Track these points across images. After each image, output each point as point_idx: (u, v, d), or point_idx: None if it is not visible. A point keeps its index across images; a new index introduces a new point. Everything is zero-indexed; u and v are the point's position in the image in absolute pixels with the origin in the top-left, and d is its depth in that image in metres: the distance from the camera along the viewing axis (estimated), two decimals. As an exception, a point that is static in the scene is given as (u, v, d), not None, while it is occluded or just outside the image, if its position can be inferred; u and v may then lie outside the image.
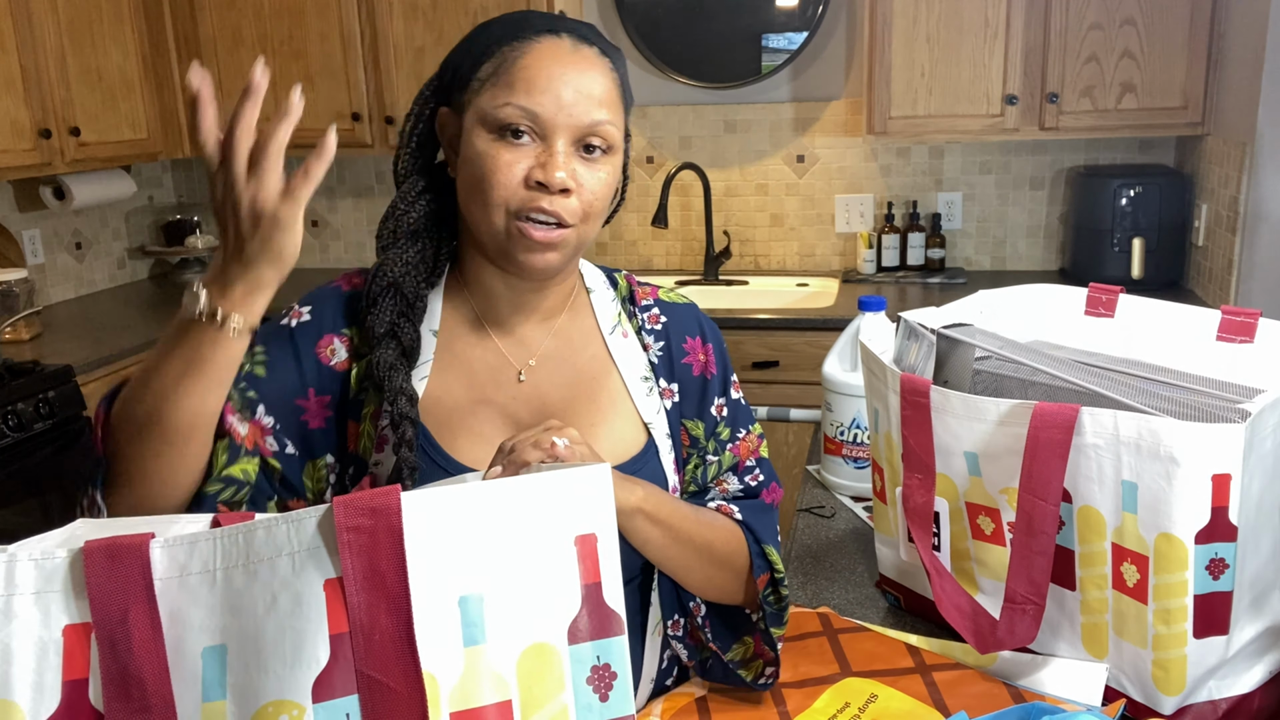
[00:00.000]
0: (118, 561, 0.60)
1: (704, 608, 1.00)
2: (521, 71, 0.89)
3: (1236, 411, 0.89)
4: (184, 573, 0.61)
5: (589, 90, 0.90)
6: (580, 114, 0.89)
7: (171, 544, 0.61)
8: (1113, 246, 2.76)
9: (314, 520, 0.61)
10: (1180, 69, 2.62)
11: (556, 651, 0.65)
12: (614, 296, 1.05)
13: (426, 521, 0.62)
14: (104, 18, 2.89)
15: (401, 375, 0.91)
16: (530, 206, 0.89)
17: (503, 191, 0.89)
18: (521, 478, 0.66)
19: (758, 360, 2.73)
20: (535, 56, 0.90)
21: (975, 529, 1.05)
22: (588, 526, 0.66)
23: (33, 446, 2.31)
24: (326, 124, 2.61)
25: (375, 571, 0.60)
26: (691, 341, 1.05)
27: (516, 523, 0.64)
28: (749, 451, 1.06)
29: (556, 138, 0.89)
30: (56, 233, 3.18)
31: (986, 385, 1.13)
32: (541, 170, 0.88)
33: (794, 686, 1.02)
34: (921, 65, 2.75)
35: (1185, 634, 0.90)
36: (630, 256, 3.40)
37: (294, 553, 0.60)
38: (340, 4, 3.02)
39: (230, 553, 0.61)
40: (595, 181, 0.91)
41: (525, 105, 0.88)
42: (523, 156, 0.89)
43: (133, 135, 3.01)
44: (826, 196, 3.23)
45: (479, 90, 0.91)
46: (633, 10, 3.17)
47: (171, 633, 0.61)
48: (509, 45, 0.91)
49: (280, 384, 0.93)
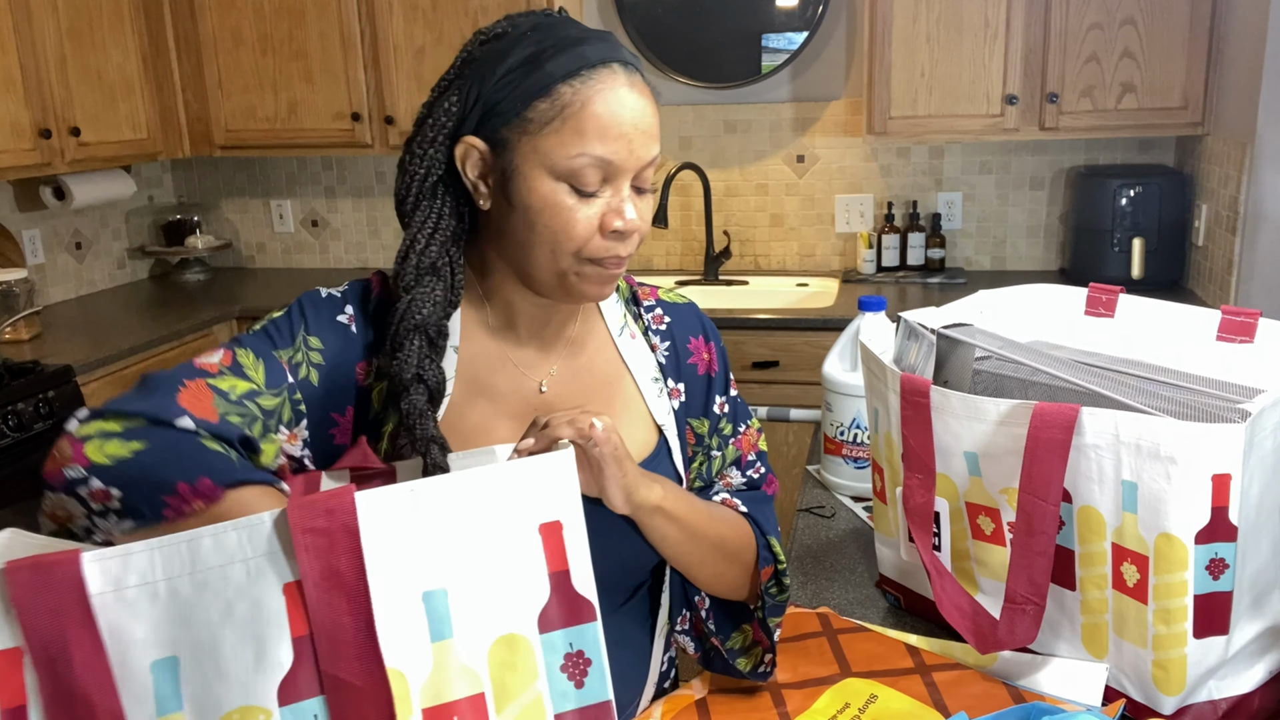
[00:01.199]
0: (47, 581, 0.58)
1: (707, 600, 1.01)
2: (592, 120, 0.85)
3: (1236, 411, 0.89)
4: (119, 586, 0.59)
5: (648, 127, 0.89)
6: (644, 154, 0.89)
7: (103, 558, 0.59)
8: (1113, 246, 2.76)
9: (268, 525, 0.60)
10: (1180, 69, 2.62)
11: (527, 641, 0.65)
12: (618, 298, 1.05)
13: (383, 519, 0.61)
14: (104, 18, 2.89)
15: (431, 422, 0.87)
16: (606, 254, 0.89)
17: (577, 242, 0.88)
18: (479, 469, 0.65)
19: (758, 360, 2.73)
20: (602, 100, 0.86)
21: (975, 529, 1.05)
22: (552, 514, 0.66)
23: (32, 446, 2.31)
24: (328, 124, 2.68)
25: (334, 572, 0.60)
26: (695, 341, 1.05)
27: (477, 515, 0.64)
28: (750, 445, 1.07)
29: (623, 180, 0.88)
30: (56, 232, 3.18)
31: (986, 385, 1.13)
32: (618, 217, 0.88)
33: (794, 687, 1.02)
34: (921, 65, 2.75)
35: (1185, 634, 0.90)
36: (630, 256, 3.40)
37: (247, 559, 0.60)
38: (340, 4, 3.02)
39: (173, 563, 0.60)
40: (647, 211, 0.92)
41: (602, 155, 0.86)
42: (596, 206, 0.88)
43: (133, 135, 3.01)
44: (826, 196, 3.23)
45: (538, 132, 0.86)
46: (633, 10, 3.17)
47: (114, 649, 0.59)
48: (568, 85, 0.86)
49: (328, 396, 0.91)
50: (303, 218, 3.62)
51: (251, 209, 3.65)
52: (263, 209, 3.64)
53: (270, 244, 3.67)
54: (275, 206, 3.62)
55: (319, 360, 0.91)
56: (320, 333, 0.92)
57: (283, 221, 3.64)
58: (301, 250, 3.65)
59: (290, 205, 3.61)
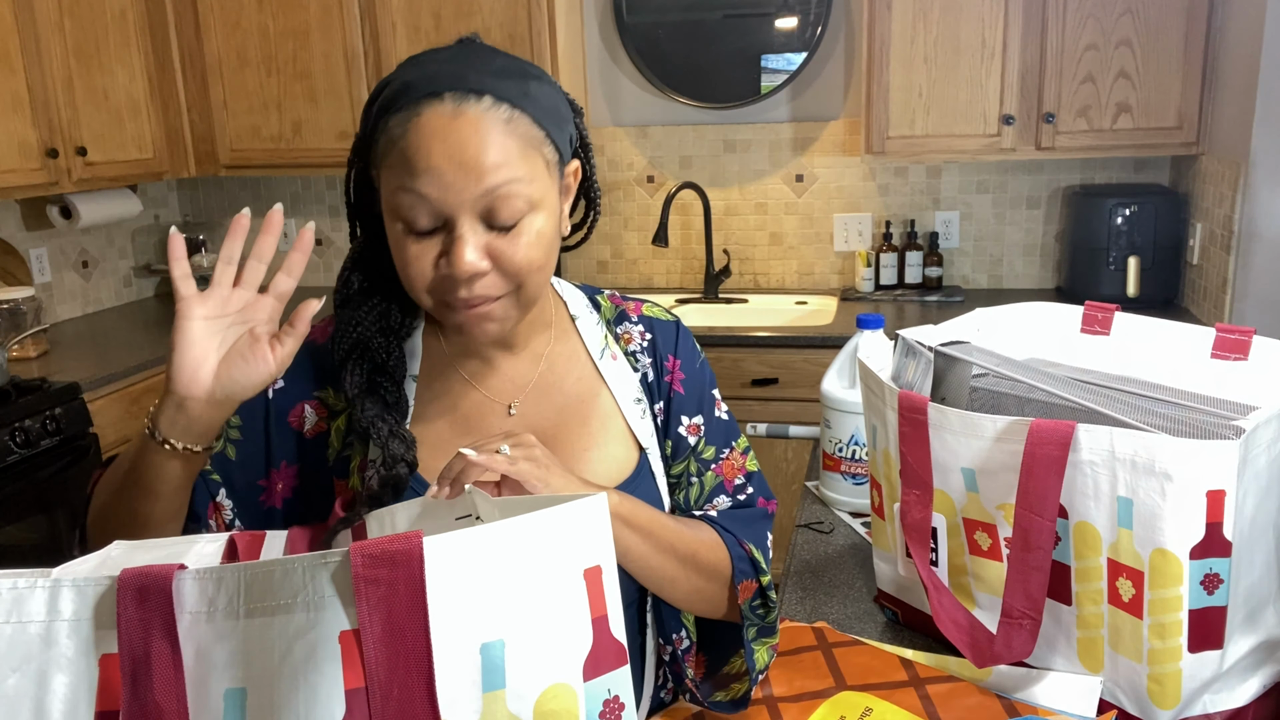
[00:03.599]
0: (145, 595, 0.59)
1: (687, 640, 0.99)
2: (406, 152, 0.82)
3: (1231, 428, 0.90)
4: (212, 607, 0.59)
5: (472, 159, 0.81)
6: (469, 187, 0.81)
7: (200, 576, 0.59)
8: (1108, 265, 2.78)
9: (329, 569, 0.58)
10: (1175, 89, 2.64)
11: (573, 691, 0.63)
12: (598, 319, 1.04)
13: (447, 569, 0.58)
14: (110, 39, 2.92)
15: (389, 425, 0.88)
16: (448, 297, 0.86)
17: (420, 282, 0.86)
18: (528, 515, 0.62)
19: (757, 377, 2.74)
20: (415, 133, 0.82)
21: (972, 544, 1.06)
22: (593, 559, 0.64)
23: (40, 463, 2.32)
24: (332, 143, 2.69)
25: (395, 626, 0.57)
26: (671, 360, 1.04)
27: (529, 561, 0.62)
28: (735, 470, 1.04)
29: (458, 217, 0.82)
30: (63, 251, 3.20)
31: (984, 402, 1.15)
32: (446, 261, 0.84)
33: (789, 701, 1.03)
34: (919, 86, 2.78)
35: (1180, 648, 0.91)
36: (631, 275, 3.42)
37: (309, 600, 0.58)
38: (344, 25, 3.05)
39: (252, 590, 0.59)
40: (518, 249, 0.84)
41: (416, 189, 0.82)
42: (430, 248, 0.84)
43: (139, 155, 3.04)
44: (825, 215, 3.25)
45: (380, 169, 0.86)
46: (634, 31, 3.21)
47: (196, 670, 0.59)
48: (392, 118, 0.83)
49: (245, 466, 0.93)
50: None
51: (256, 228, 3.65)
52: (266, 227, 3.66)
53: (274, 263, 3.65)
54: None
55: (236, 435, 0.93)
56: (241, 411, 0.91)
57: (287, 240, 3.66)
58: (305, 269, 3.67)
59: (294, 224, 3.63)
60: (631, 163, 3.33)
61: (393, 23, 3.02)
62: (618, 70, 3.27)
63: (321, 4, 3.05)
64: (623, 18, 3.19)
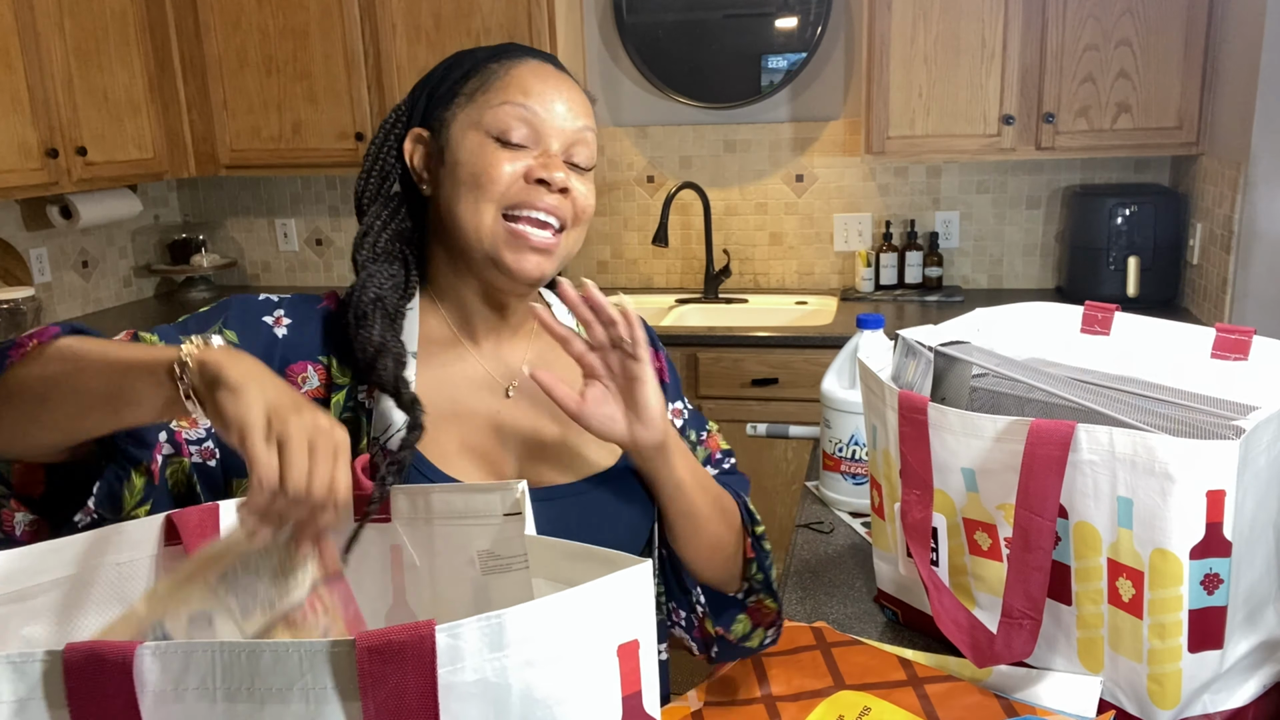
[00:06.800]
0: (100, 678, 0.53)
1: (702, 595, 1.02)
2: (514, 80, 0.92)
3: (1231, 428, 0.90)
4: (179, 687, 0.53)
5: (576, 102, 0.94)
6: (571, 120, 0.93)
7: (163, 652, 0.53)
8: (1108, 265, 2.78)
9: (329, 658, 0.52)
10: (1175, 89, 2.64)
11: None
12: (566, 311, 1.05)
13: (463, 662, 0.53)
14: (110, 39, 2.93)
15: (408, 385, 0.87)
16: (529, 203, 0.90)
17: (499, 187, 0.89)
18: (562, 594, 0.56)
19: (757, 377, 2.74)
20: (523, 70, 0.93)
21: (972, 544, 1.06)
22: (630, 632, 0.59)
23: (37, 463, 2.32)
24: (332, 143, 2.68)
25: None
26: (653, 351, 1.07)
27: (558, 642, 0.56)
28: (716, 445, 1.12)
29: (551, 140, 0.92)
30: (63, 251, 3.20)
31: (984, 402, 1.15)
32: (543, 169, 0.90)
33: (788, 700, 1.03)
34: (919, 86, 2.78)
35: (1180, 648, 0.91)
36: (631, 275, 3.42)
37: (308, 690, 0.52)
38: (344, 25, 3.05)
39: (232, 672, 0.53)
40: (586, 188, 0.94)
41: (525, 104, 0.91)
42: (521, 157, 0.91)
43: (139, 155, 3.04)
44: (825, 215, 3.25)
45: (465, 104, 0.93)
46: (633, 31, 3.21)
47: None
48: (495, 63, 0.94)
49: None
50: (307, 236, 3.64)
51: (256, 228, 3.67)
52: (267, 228, 3.66)
53: (275, 262, 3.69)
54: (280, 225, 3.65)
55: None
56: (238, 328, 0.90)
57: (287, 240, 3.67)
58: (306, 269, 3.68)
59: (294, 224, 3.63)
60: (631, 163, 3.33)
61: (393, 23, 3.02)
62: (618, 70, 3.27)
63: (321, 4, 3.05)
64: (623, 18, 3.19)
